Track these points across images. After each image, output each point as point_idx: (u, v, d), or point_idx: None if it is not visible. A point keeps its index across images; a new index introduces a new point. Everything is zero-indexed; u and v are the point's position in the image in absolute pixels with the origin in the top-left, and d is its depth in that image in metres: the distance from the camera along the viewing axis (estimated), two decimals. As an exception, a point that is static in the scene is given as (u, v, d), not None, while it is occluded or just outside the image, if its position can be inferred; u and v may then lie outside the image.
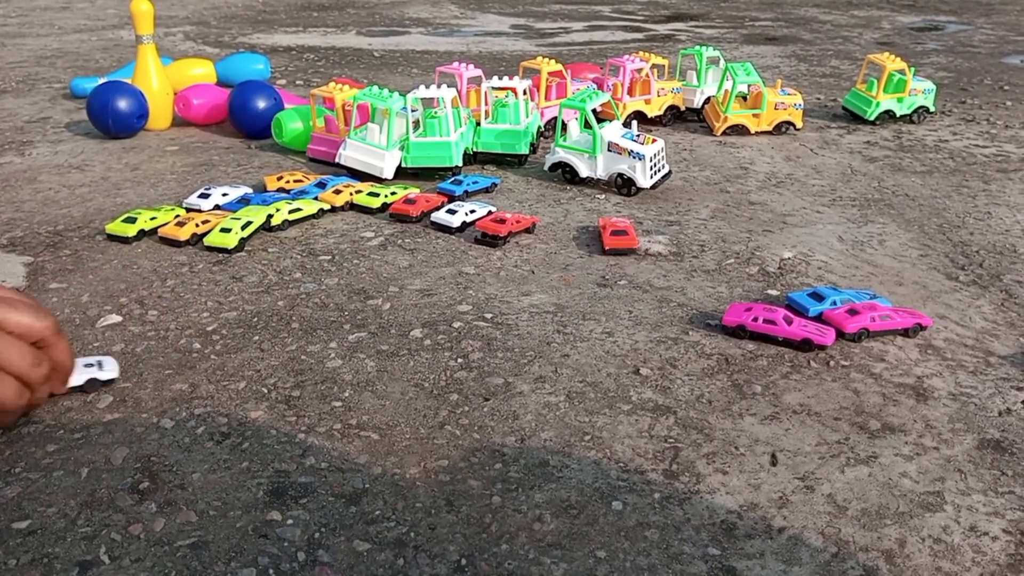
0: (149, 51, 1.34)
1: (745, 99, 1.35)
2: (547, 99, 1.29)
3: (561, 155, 1.09)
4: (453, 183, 1.06)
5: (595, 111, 1.08)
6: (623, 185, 1.06)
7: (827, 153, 1.26)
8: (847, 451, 0.59)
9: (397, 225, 0.96)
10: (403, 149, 1.10)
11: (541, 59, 1.28)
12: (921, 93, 1.40)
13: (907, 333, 0.73)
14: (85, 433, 0.59)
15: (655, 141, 1.06)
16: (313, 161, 1.18)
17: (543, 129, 1.27)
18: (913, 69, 1.39)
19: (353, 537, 0.50)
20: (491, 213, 0.96)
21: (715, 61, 1.41)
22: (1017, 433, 0.61)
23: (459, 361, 0.69)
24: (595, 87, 1.20)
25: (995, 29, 2.40)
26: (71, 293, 0.79)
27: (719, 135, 1.33)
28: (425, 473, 0.56)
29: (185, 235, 0.89)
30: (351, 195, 1.00)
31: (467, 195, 1.05)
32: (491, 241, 0.90)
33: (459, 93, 1.20)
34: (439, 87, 1.11)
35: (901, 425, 0.62)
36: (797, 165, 1.21)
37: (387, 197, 1.00)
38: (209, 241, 0.88)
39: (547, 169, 1.11)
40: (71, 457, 0.57)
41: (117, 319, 0.74)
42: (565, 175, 1.10)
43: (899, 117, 1.40)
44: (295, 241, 0.92)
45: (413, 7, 2.73)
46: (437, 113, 1.11)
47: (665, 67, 1.42)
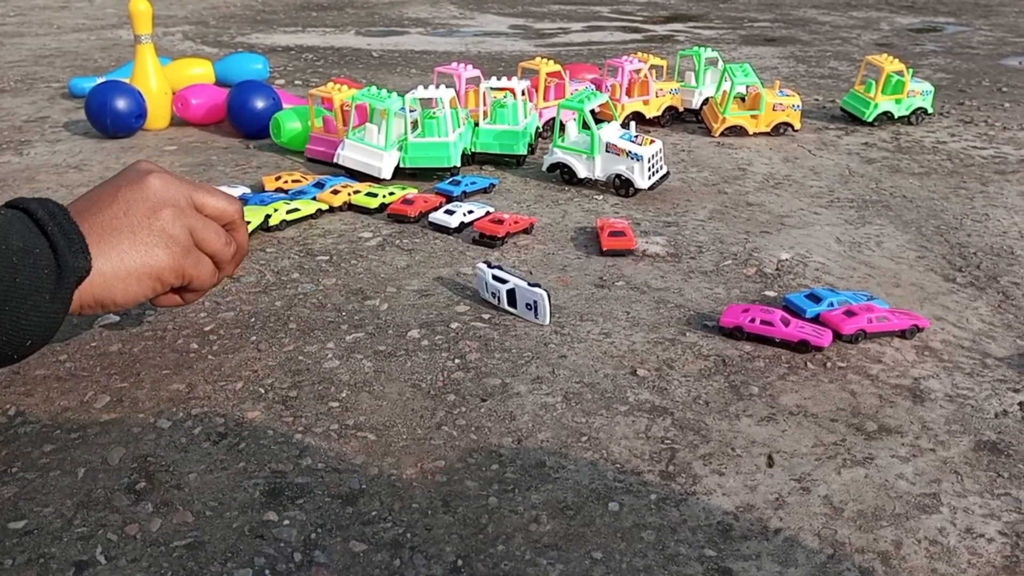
0: (148, 51, 1.34)
1: (743, 100, 1.35)
2: (545, 100, 1.29)
3: (559, 156, 1.09)
4: (451, 183, 1.06)
5: (593, 112, 1.08)
6: (621, 186, 1.06)
7: (825, 154, 1.27)
8: (843, 452, 0.59)
9: (395, 225, 0.96)
10: (401, 149, 1.10)
11: (540, 60, 1.28)
12: (919, 94, 1.40)
13: (904, 335, 0.73)
14: (82, 433, 0.59)
15: (653, 142, 1.06)
16: (311, 161, 1.18)
17: (541, 130, 1.27)
18: (911, 70, 1.39)
19: (349, 538, 0.50)
20: (489, 214, 0.96)
21: (713, 62, 1.41)
22: (1013, 435, 0.61)
23: (456, 362, 0.69)
24: (593, 88, 1.20)
25: (994, 31, 2.40)
26: (68, 293, 0.79)
27: (717, 136, 1.33)
28: (422, 474, 0.56)
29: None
30: (349, 195, 1.00)
31: (465, 195, 1.05)
32: (489, 242, 0.90)
33: (457, 93, 1.20)
34: (437, 87, 1.11)
35: (898, 427, 0.62)
36: (795, 166, 1.21)
37: (385, 197, 1.00)
38: None
39: (545, 170, 1.11)
40: (68, 457, 0.57)
41: (114, 319, 0.74)
42: (563, 176, 1.11)
43: (897, 118, 1.41)
44: (293, 241, 0.92)
45: (412, 7, 2.73)
46: (435, 113, 1.11)
47: (663, 68, 1.42)
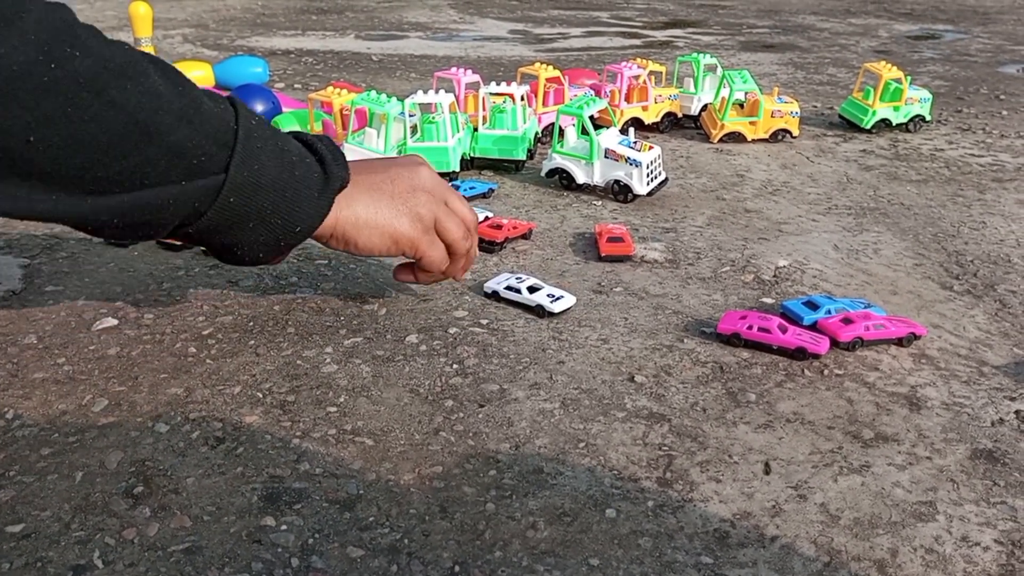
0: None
1: (742, 107, 1.35)
2: (545, 105, 1.29)
3: (558, 161, 1.09)
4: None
5: (592, 117, 1.08)
6: (620, 191, 1.06)
7: (823, 161, 1.27)
8: (840, 460, 0.59)
9: (394, 230, 0.96)
10: (401, 154, 1.10)
11: (539, 65, 1.28)
12: (917, 102, 1.40)
13: (901, 342, 0.74)
14: (80, 437, 0.59)
15: (652, 148, 1.06)
16: (310, 165, 1.18)
17: (540, 135, 1.28)
18: (910, 78, 1.40)
19: (347, 543, 0.50)
20: (488, 219, 0.96)
21: (712, 68, 1.42)
22: (1009, 443, 0.61)
23: (454, 367, 0.69)
24: (592, 93, 1.21)
25: (992, 38, 2.41)
26: (67, 296, 0.79)
27: (716, 142, 1.33)
28: (419, 479, 0.56)
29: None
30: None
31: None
32: (487, 247, 0.91)
33: (457, 98, 1.20)
34: (437, 92, 1.12)
35: (894, 434, 0.62)
36: (793, 173, 1.21)
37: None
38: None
39: (544, 175, 1.11)
40: (65, 461, 0.57)
41: (113, 322, 0.74)
42: (562, 181, 1.11)
43: (895, 126, 1.41)
44: (292, 245, 0.92)
45: (412, 11, 2.74)
46: (435, 118, 1.11)
47: (662, 74, 1.42)
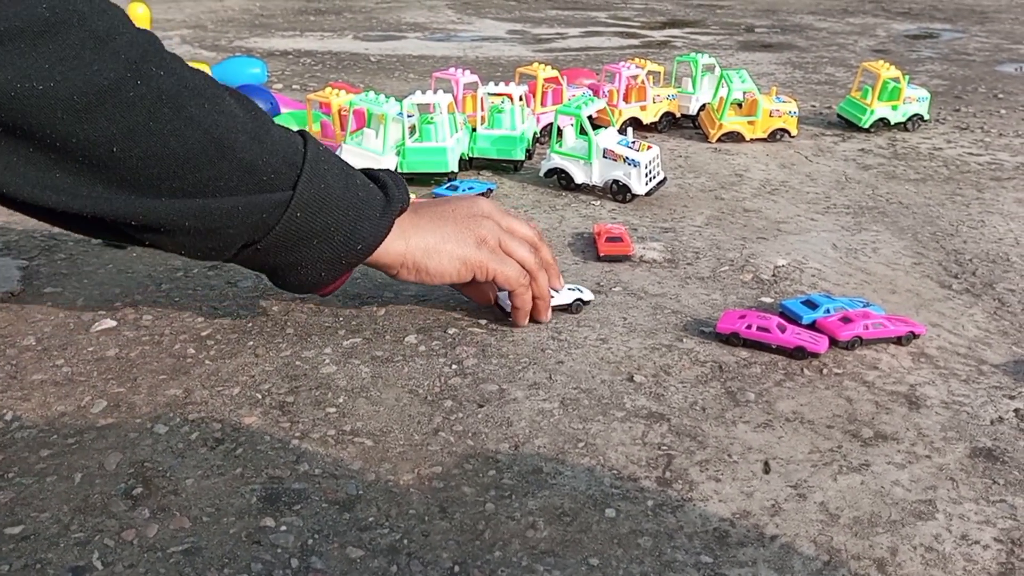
0: (145, 55, 1.33)
1: (740, 106, 1.35)
2: (543, 105, 1.29)
3: (557, 161, 1.09)
4: (449, 188, 1.06)
5: (591, 117, 1.08)
6: (618, 191, 1.06)
7: (822, 160, 1.27)
8: (840, 459, 0.59)
9: (392, 230, 0.96)
10: (399, 154, 1.10)
11: (537, 65, 1.28)
12: (915, 101, 1.40)
13: (900, 341, 0.74)
14: (79, 438, 0.59)
15: (650, 148, 1.06)
16: (309, 166, 1.18)
17: (539, 135, 1.28)
18: (908, 77, 1.40)
19: (346, 544, 0.50)
20: (486, 219, 0.96)
21: (710, 68, 1.42)
22: (1009, 442, 0.61)
23: (453, 367, 0.69)
24: (591, 93, 1.21)
25: (989, 37, 2.41)
26: (66, 297, 0.79)
27: (714, 142, 1.33)
28: (419, 480, 0.56)
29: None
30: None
31: (463, 201, 1.05)
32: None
33: (455, 99, 1.20)
34: (435, 92, 1.12)
35: (894, 433, 0.62)
36: (792, 172, 1.21)
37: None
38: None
39: (543, 175, 1.11)
40: (64, 462, 0.57)
41: (112, 324, 0.74)
42: (560, 181, 1.11)
43: (893, 125, 1.41)
44: (290, 246, 0.92)
45: (410, 12, 2.74)
46: (433, 119, 1.11)
47: (661, 74, 1.42)
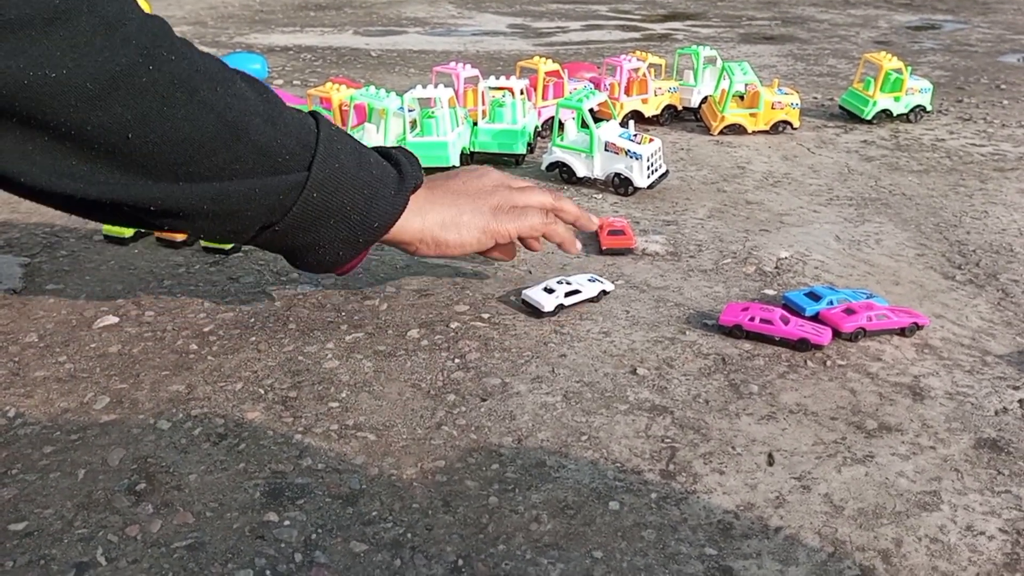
0: (146, 51, 1.33)
1: (742, 98, 1.35)
2: (544, 99, 1.29)
3: (558, 155, 1.09)
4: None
5: (592, 111, 1.08)
6: (620, 185, 1.06)
7: (824, 152, 1.27)
8: (844, 451, 0.59)
9: (394, 225, 0.96)
10: (400, 149, 1.10)
11: (538, 59, 1.27)
12: (918, 92, 1.40)
13: (904, 332, 0.73)
14: (82, 434, 0.59)
15: (652, 141, 1.06)
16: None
17: (540, 129, 1.27)
18: (910, 68, 1.39)
19: (350, 538, 0.50)
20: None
21: (712, 60, 1.41)
22: (1013, 432, 0.61)
23: (456, 361, 0.69)
24: (592, 86, 1.20)
25: (992, 28, 2.40)
26: (68, 294, 0.79)
27: (716, 134, 1.33)
28: (422, 474, 0.56)
29: (182, 236, 0.89)
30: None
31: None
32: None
33: (456, 93, 1.20)
34: (436, 87, 1.11)
35: (898, 424, 0.62)
36: (794, 164, 1.21)
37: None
38: (206, 242, 0.88)
39: (544, 169, 1.11)
40: (68, 459, 0.57)
41: (114, 320, 0.74)
42: (562, 175, 1.10)
43: (896, 116, 1.41)
44: (292, 241, 0.92)
45: (410, 6, 2.73)
46: (434, 113, 1.11)
47: (662, 66, 1.42)
